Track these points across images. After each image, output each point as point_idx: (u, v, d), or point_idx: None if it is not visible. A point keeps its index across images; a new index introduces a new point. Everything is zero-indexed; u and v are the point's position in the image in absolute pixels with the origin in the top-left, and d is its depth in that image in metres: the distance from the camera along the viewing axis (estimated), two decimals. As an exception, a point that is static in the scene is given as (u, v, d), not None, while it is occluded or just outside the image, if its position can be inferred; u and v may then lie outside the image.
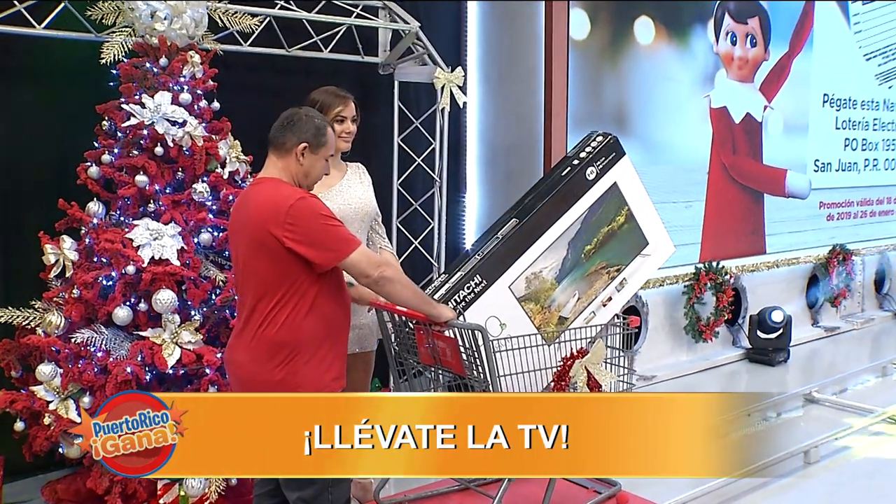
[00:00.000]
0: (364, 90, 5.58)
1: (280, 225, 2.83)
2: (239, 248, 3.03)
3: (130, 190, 3.91)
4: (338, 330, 3.01)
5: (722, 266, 7.25)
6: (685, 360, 7.13)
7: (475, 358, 3.21)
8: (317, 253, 2.86)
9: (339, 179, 3.75)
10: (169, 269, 3.77)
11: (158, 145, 3.92)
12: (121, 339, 3.83)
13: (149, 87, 4.00)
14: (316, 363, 2.92)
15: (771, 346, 7.25)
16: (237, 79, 4.77)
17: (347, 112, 3.69)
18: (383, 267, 2.96)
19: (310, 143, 3.01)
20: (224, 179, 4.07)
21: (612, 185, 3.85)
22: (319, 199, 2.99)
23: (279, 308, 2.89)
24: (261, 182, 3.02)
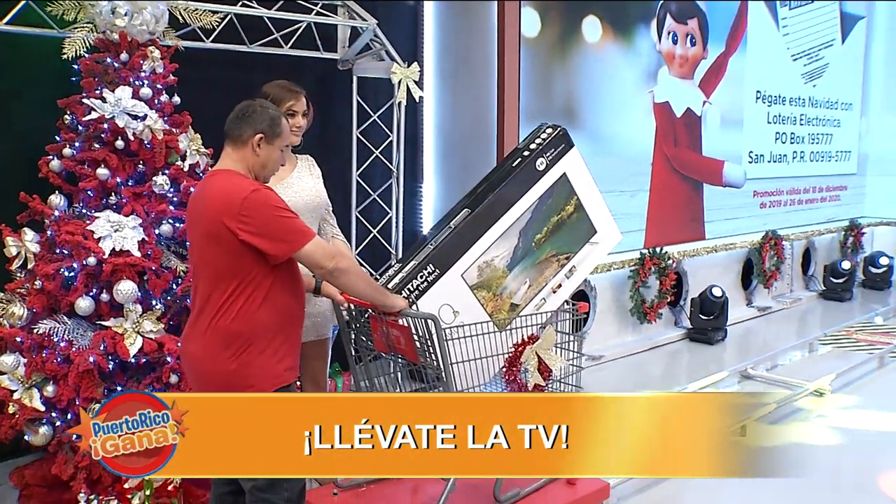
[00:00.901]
0: (324, 85, 5.42)
1: (234, 216, 2.66)
2: (194, 238, 2.86)
3: (92, 183, 3.72)
4: (292, 321, 2.84)
5: (665, 251, 7.19)
6: (631, 340, 7.09)
7: (428, 346, 3.06)
8: (271, 244, 2.69)
9: (290, 172, 3.60)
10: (129, 260, 3.58)
11: (119, 139, 3.74)
12: (84, 328, 3.64)
13: (110, 81, 3.80)
14: (269, 354, 2.76)
15: (710, 326, 7.22)
16: (200, 74, 4.58)
17: (299, 106, 3.53)
18: (338, 258, 2.79)
19: (266, 134, 2.84)
20: (184, 172, 3.89)
21: (561, 176, 3.71)
22: (273, 190, 2.80)
23: (233, 299, 2.72)
24: (216, 174, 2.84)
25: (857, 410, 5.48)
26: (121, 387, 3.68)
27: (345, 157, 5.54)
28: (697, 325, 7.28)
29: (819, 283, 9.51)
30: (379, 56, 5.34)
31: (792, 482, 4.19)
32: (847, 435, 5.03)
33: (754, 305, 8.52)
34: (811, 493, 4.19)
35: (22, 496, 3.91)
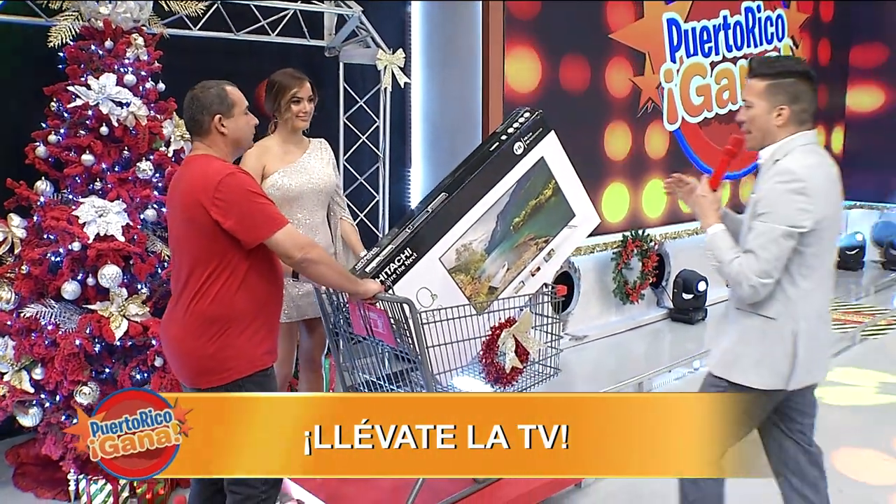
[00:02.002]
0: (310, 72, 5.23)
1: (209, 199, 2.58)
2: (173, 222, 2.78)
3: (77, 169, 3.65)
4: (269, 305, 2.76)
5: (647, 234, 7.11)
6: (614, 320, 7.01)
7: (405, 329, 2.98)
8: (242, 229, 2.60)
9: (300, 155, 3.55)
10: (114, 245, 3.52)
11: (103, 125, 3.67)
12: (70, 312, 3.59)
13: (94, 69, 3.74)
14: (248, 337, 2.68)
15: (691, 307, 7.15)
16: (188, 62, 4.49)
17: (303, 92, 3.52)
18: (307, 248, 2.69)
19: (221, 111, 2.73)
20: (168, 157, 3.83)
21: (539, 160, 3.62)
22: (251, 175, 2.71)
23: (211, 282, 2.64)
24: (195, 158, 2.75)
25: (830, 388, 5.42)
26: (108, 369, 3.62)
27: (332, 141, 5.37)
28: (679, 305, 7.21)
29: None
30: (365, 43, 5.25)
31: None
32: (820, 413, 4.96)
33: (734, 286, 8.46)
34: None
35: (16, 474, 3.87)
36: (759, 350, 2.64)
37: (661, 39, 7.34)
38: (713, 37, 7.92)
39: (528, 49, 6.12)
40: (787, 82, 2.63)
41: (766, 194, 2.55)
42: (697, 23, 7.71)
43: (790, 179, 2.53)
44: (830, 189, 2.63)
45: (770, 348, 2.63)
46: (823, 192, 2.58)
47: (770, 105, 2.63)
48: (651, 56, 7.23)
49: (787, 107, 2.62)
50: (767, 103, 2.64)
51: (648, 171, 7.37)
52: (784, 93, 2.62)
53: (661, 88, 7.40)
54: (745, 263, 2.56)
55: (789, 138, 2.65)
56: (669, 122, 7.55)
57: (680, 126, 7.69)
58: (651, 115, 7.32)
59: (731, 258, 2.61)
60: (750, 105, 2.67)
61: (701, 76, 7.85)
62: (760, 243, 2.54)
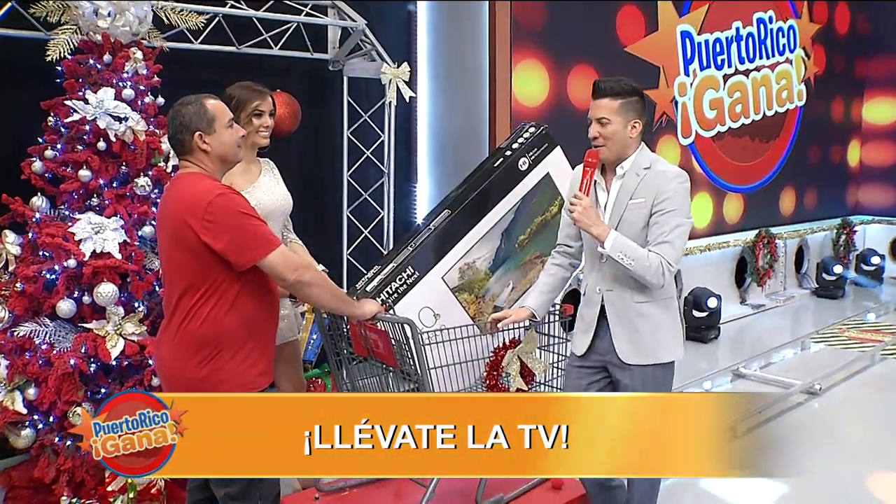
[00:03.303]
0: (314, 86, 5.32)
1: (198, 219, 2.54)
2: (163, 241, 2.75)
3: (74, 184, 3.62)
4: (262, 327, 2.73)
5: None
6: (623, 338, 6.92)
7: (406, 350, 2.94)
8: (233, 251, 2.56)
9: (258, 175, 3.45)
10: (110, 263, 3.49)
11: (101, 140, 3.64)
12: (65, 331, 3.56)
13: (93, 83, 3.71)
14: (240, 360, 2.65)
15: (703, 325, 7.09)
16: (189, 76, 4.50)
17: (265, 106, 3.37)
18: (301, 270, 2.65)
19: (201, 128, 2.69)
20: (167, 173, 3.80)
21: (544, 176, 3.60)
22: (241, 194, 2.68)
23: (201, 303, 2.61)
24: (181, 178, 2.72)
25: (849, 409, 5.36)
26: (104, 389, 3.59)
27: (336, 157, 5.45)
28: (690, 323, 7.15)
29: (812, 280, 9.36)
30: (369, 56, 5.24)
31: (782, 483, 4.09)
32: (838, 435, 4.91)
33: (748, 303, 8.39)
34: (801, 494, 4.07)
35: (8, 498, 3.83)
36: (673, 328, 3.02)
37: (675, 52, 7.35)
38: (726, 49, 7.91)
39: (535, 61, 6.11)
40: (633, 100, 2.94)
41: (672, 195, 2.87)
42: (710, 35, 7.71)
43: (685, 179, 2.93)
44: None
45: (676, 323, 3.03)
46: None
47: (625, 120, 2.91)
48: (665, 69, 7.23)
49: (640, 121, 2.95)
50: (622, 119, 2.91)
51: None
52: (633, 109, 2.93)
53: (675, 102, 7.38)
54: (663, 253, 2.84)
55: (641, 147, 2.99)
56: (683, 137, 7.53)
57: (694, 140, 7.67)
58: (663, 129, 7.30)
59: (645, 252, 2.85)
60: (607, 122, 2.92)
61: (714, 89, 7.84)
62: (677, 234, 2.87)
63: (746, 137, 8.38)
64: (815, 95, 9.32)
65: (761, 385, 5.80)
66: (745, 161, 8.42)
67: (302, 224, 3.75)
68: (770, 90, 8.57)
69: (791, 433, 4.71)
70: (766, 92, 8.52)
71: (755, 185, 8.54)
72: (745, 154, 8.41)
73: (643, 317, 2.95)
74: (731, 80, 8.03)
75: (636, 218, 2.91)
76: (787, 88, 8.83)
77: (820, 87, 9.40)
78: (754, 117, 8.42)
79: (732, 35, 7.97)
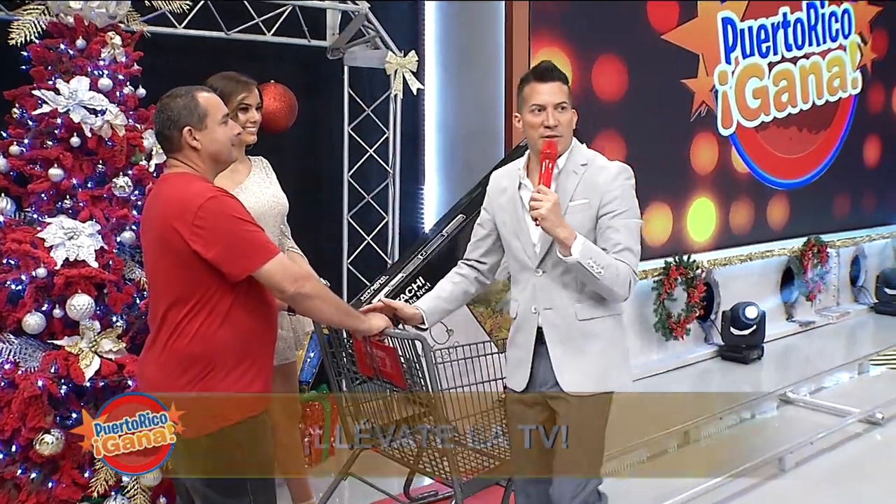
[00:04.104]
0: (311, 76, 5.35)
1: (187, 223, 2.54)
2: (147, 248, 2.75)
3: (43, 184, 3.62)
4: (259, 344, 2.72)
5: (693, 259, 7.05)
6: (655, 358, 6.96)
7: (416, 369, 2.94)
8: (227, 260, 2.56)
9: (246, 175, 3.45)
10: (85, 272, 3.48)
11: (75, 135, 3.64)
12: (33, 348, 3.54)
13: (64, 71, 3.71)
14: (233, 380, 2.63)
15: (744, 343, 7.08)
16: (171, 64, 4.51)
17: (252, 99, 3.38)
18: (301, 281, 2.65)
19: (191, 124, 2.69)
20: (150, 172, 3.79)
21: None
22: (235, 197, 2.68)
23: (191, 317, 2.60)
24: (168, 178, 2.72)
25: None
26: (75, 414, 3.57)
27: (335, 156, 5.46)
28: (730, 342, 7.13)
29: (870, 295, 9.31)
30: (373, 44, 5.26)
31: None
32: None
33: (795, 320, 8.36)
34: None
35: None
36: (620, 349, 2.93)
37: (715, 40, 7.42)
38: (771, 36, 7.97)
39: (557, 50, 6.12)
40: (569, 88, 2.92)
41: (621, 193, 2.82)
42: (755, 21, 7.80)
43: (630, 175, 2.87)
44: None
45: (623, 343, 2.95)
46: None
47: (572, 110, 2.90)
48: (704, 57, 7.29)
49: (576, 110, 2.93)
50: (571, 107, 2.89)
51: (695, 187, 7.35)
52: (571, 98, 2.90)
53: (715, 91, 7.42)
54: (629, 261, 2.79)
55: (575, 142, 2.94)
56: (724, 127, 7.59)
57: (735, 130, 7.72)
58: (697, 124, 7.32)
59: (613, 260, 2.78)
60: (566, 107, 2.87)
61: (758, 78, 7.92)
62: (634, 239, 2.83)
63: (793, 127, 8.41)
64: (872, 83, 9.31)
65: (812, 412, 5.76)
66: (792, 153, 8.43)
67: (297, 230, 3.75)
68: (820, 78, 8.60)
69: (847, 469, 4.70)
70: (816, 80, 8.55)
71: (803, 180, 8.54)
72: (792, 145, 8.43)
73: (591, 336, 2.85)
74: (776, 69, 8.09)
75: (580, 221, 2.82)
76: (839, 76, 8.86)
77: (878, 75, 9.38)
78: (802, 107, 8.45)
79: (779, 21, 8.02)
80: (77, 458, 3.54)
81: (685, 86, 7.16)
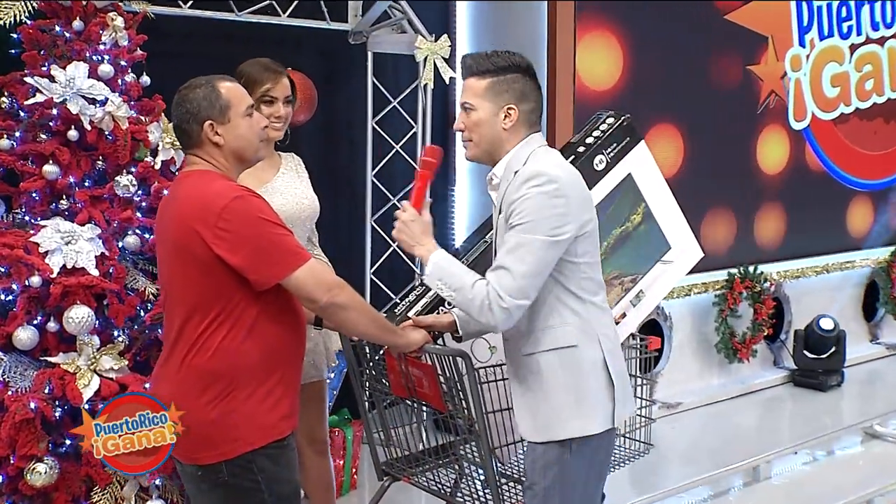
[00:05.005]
0: (331, 64, 5.41)
1: (210, 228, 2.60)
2: (163, 254, 2.82)
3: (37, 183, 3.68)
4: (287, 359, 2.79)
5: (760, 271, 7.06)
6: (717, 383, 6.97)
7: (457, 389, 2.99)
8: (253, 267, 2.63)
9: (274, 174, 3.53)
10: (85, 281, 3.53)
11: (72, 128, 3.69)
12: (24, 366, 3.59)
13: (59, 55, 3.78)
14: (259, 399, 2.70)
15: (821, 368, 7.06)
16: (176, 49, 4.60)
17: (278, 91, 3.46)
18: (335, 290, 2.71)
19: (212, 117, 2.76)
20: (155, 170, 3.85)
21: (625, 177, 3.65)
22: (262, 197, 2.75)
23: (212, 330, 2.67)
24: (188, 176, 2.79)
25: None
26: (69, 441, 3.62)
27: (358, 153, 5.50)
28: (804, 366, 7.12)
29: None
30: (400, 27, 5.30)
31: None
32: None
33: (881, 342, 8.30)
34: None
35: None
36: (572, 390, 2.76)
37: (787, 19, 7.39)
38: (854, 14, 7.92)
39: (606, 33, 6.16)
40: (508, 79, 2.80)
41: (521, 201, 2.69)
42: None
43: (545, 181, 2.68)
44: (583, 188, 2.87)
45: (583, 382, 2.77)
46: (578, 191, 2.81)
47: (495, 106, 2.80)
48: (774, 39, 7.28)
49: (515, 107, 2.80)
50: (492, 104, 2.79)
51: (762, 188, 7.34)
52: (509, 90, 2.80)
53: (787, 79, 7.41)
54: (495, 282, 2.66)
55: (523, 142, 2.84)
56: (796, 120, 7.55)
57: (809, 124, 7.69)
58: (765, 116, 7.32)
59: (471, 281, 2.71)
60: (471, 108, 2.82)
61: (837, 62, 7.87)
62: (518, 257, 2.66)
63: (879, 120, 8.33)
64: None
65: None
66: (877, 149, 8.35)
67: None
68: (912, 62, 8.53)
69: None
70: (907, 64, 8.49)
71: (890, 180, 8.45)
72: (877, 141, 8.35)
73: (536, 374, 2.79)
74: (859, 51, 8.02)
75: (496, 238, 2.82)
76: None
77: None
78: (890, 95, 8.36)
79: (865, -5, 7.97)
80: (72, 489, 3.57)
81: (752, 73, 7.14)
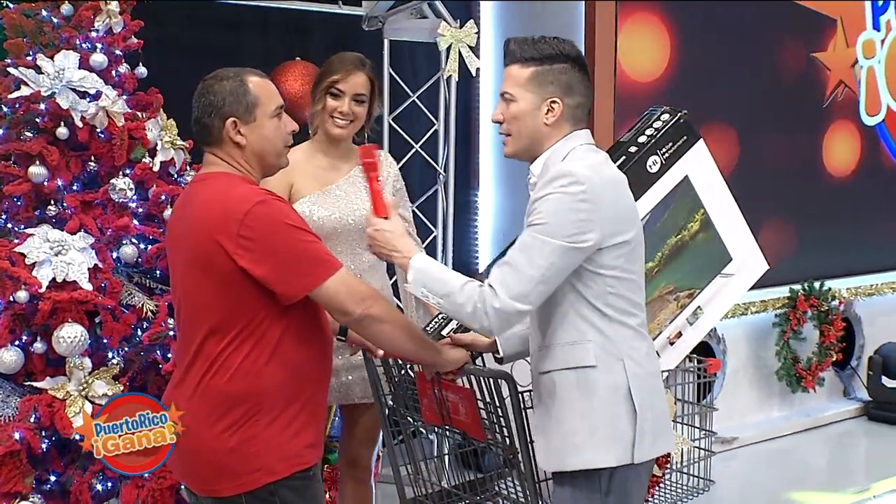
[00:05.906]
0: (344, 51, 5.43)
1: (232, 236, 2.65)
2: (177, 266, 2.87)
3: (22, 186, 3.70)
4: (313, 382, 2.84)
5: (828, 288, 7.07)
6: (778, 416, 6.97)
7: (499, 416, 3.04)
8: (279, 278, 2.68)
9: (342, 176, 3.60)
10: (77, 296, 3.56)
11: (61, 125, 3.73)
12: (7, 392, 3.62)
13: (46, 44, 3.81)
14: (282, 426, 2.75)
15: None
16: (173, 36, 4.64)
17: (347, 86, 3.52)
18: (370, 301, 2.76)
19: (236, 114, 2.80)
20: (154, 172, 3.89)
21: (682, 180, 3.69)
22: (286, 201, 2.81)
23: (232, 349, 2.72)
24: (206, 178, 2.84)
25: None
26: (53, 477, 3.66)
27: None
28: (880, 397, 7.12)
29: None
30: (420, 12, 5.33)
31: None
32: None
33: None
34: None
35: None
36: (586, 416, 2.76)
37: (859, 0, 7.36)
38: (936, -8, 7.89)
39: (651, 18, 6.22)
40: (556, 69, 2.80)
41: (542, 201, 2.71)
42: (915, -28, 7.70)
43: (570, 182, 2.69)
44: (621, 196, 2.84)
45: (599, 408, 2.76)
46: (613, 198, 2.78)
47: (539, 98, 2.81)
48: (844, 23, 7.28)
49: (560, 100, 2.81)
50: (534, 96, 2.81)
51: (829, 192, 7.34)
52: (554, 82, 2.80)
53: (858, 67, 7.43)
54: (497, 278, 2.69)
55: (564, 140, 2.85)
56: (869, 114, 7.57)
57: (884, 118, 7.71)
58: (833, 111, 7.34)
59: (459, 284, 2.72)
60: (511, 98, 2.84)
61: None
62: (528, 257, 2.68)
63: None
64: None
65: None
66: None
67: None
68: None
69: None
70: None
71: None
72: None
73: (553, 395, 2.81)
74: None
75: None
76: None
77: None
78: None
79: (950, -31, 7.97)
80: (61, 531, 3.64)
81: (817, 61, 7.16)
